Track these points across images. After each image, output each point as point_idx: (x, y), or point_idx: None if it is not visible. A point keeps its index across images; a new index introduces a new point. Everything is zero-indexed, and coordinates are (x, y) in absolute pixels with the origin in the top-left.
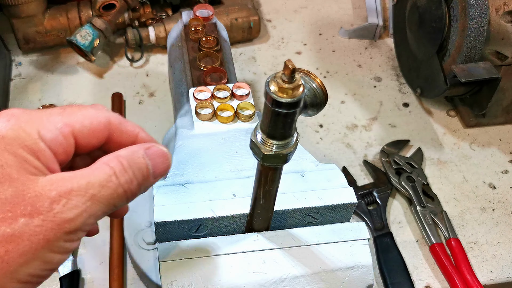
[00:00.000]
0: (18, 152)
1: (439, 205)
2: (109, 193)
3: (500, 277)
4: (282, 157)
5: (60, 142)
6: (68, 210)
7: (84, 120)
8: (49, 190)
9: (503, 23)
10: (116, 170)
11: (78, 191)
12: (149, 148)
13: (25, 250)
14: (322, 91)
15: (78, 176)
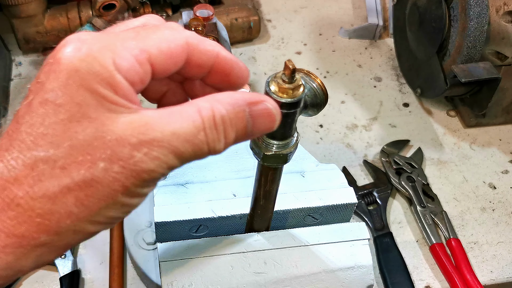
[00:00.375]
0: (94, 88)
1: (439, 205)
2: (192, 150)
3: (500, 277)
4: (283, 157)
5: (137, 71)
6: (149, 160)
7: (160, 44)
8: (130, 135)
9: (503, 23)
10: (206, 125)
11: (161, 142)
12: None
13: (105, 195)
14: (323, 91)
15: (163, 122)
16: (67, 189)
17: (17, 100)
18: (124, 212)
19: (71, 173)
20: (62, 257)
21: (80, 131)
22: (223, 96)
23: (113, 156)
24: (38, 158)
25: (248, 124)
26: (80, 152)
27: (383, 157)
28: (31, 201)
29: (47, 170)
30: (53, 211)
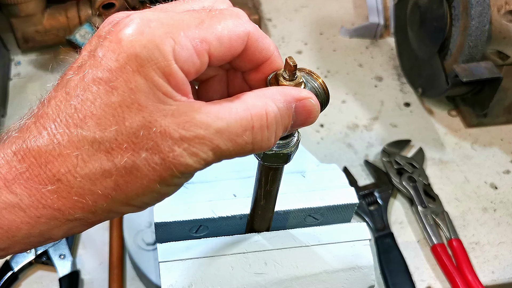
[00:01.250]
0: (150, 75)
1: (440, 205)
2: (234, 149)
3: (502, 277)
4: (283, 157)
5: (194, 62)
6: (188, 155)
7: (222, 36)
8: (173, 130)
9: (504, 22)
10: (255, 126)
11: (203, 139)
12: (302, 101)
13: (143, 183)
14: (324, 91)
15: (209, 119)
16: (108, 173)
17: (16, 99)
18: (158, 199)
19: (114, 158)
20: (61, 257)
21: (128, 117)
22: (274, 92)
23: (155, 147)
24: (84, 138)
25: (292, 119)
26: (125, 139)
27: (384, 157)
28: (72, 179)
29: (92, 151)
30: (92, 191)
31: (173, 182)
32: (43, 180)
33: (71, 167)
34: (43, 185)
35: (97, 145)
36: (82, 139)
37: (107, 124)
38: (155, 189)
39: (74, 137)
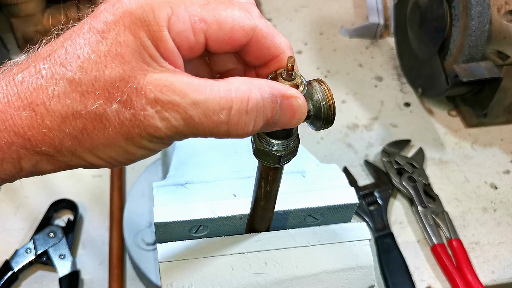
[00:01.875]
0: (139, 35)
1: (440, 205)
2: (208, 125)
3: (502, 277)
4: (272, 157)
5: (187, 37)
6: (159, 118)
7: (224, 22)
8: (150, 90)
9: (504, 22)
10: (234, 107)
11: (178, 106)
12: (288, 98)
13: (110, 134)
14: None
15: (188, 89)
16: (79, 115)
17: None
18: (126, 158)
19: (87, 101)
20: (61, 257)
21: (109, 67)
22: (261, 83)
23: (128, 102)
24: (64, 76)
25: (276, 115)
26: (101, 86)
27: (384, 157)
28: (44, 112)
29: (68, 90)
30: (60, 128)
31: (141, 143)
32: (19, 107)
33: (46, 100)
34: (18, 111)
35: (74, 86)
36: (63, 76)
37: (88, 69)
38: (121, 144)
39: (56, 74)
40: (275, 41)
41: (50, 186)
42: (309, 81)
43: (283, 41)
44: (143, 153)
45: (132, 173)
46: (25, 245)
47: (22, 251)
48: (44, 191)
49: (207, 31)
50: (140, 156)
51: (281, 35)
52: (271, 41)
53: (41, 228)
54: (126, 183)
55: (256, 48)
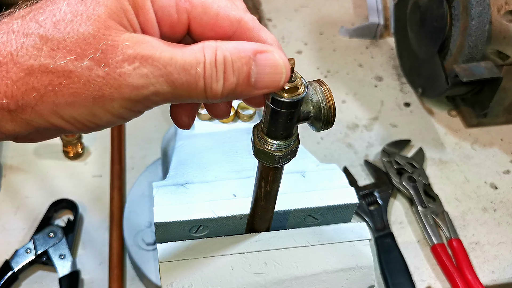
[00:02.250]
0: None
1: (440, 205)
2: (186, 80)
3: (502, 277)
4: (272, 157)
5: (170, 13)
6: (137, 76)
7: (210, 8)
8: (127, 46)
9: (504, 22)
10: (207, 60)
11: (157, 61)
12: (262, 52)
13: (77, 92)
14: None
15: (165, 48)
16: (46, 70)
17: None
18: (90, 121)
19: (56, 56)
20: (61, 257)
21: (84, 25)
22: (230, 42)
23: (102, 59)
24: (36, 31)
25: (252, 73)
26: (73, 42)
27: (384, 157)
28: (11, 64)
29: (38, 45)
30: (25, 82)
31: (110, 106)
32: None
33: (13, 52)
34: None
35: (45, 40)
36: (34, 31)
37: (62, 26)
38: (87, 104)
39: (27, 29)
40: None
41: (50, 186)
42: (310, 82)
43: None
44: (110, 119)
45: (132, 173)
46: (25, 245)
47: (22, 251)
48: (44, 191)
49: (191, 12)
50: (107, 121)
51: (267, 30)
52: (257, 35)
53: (41, 228)
54: (126, 183)
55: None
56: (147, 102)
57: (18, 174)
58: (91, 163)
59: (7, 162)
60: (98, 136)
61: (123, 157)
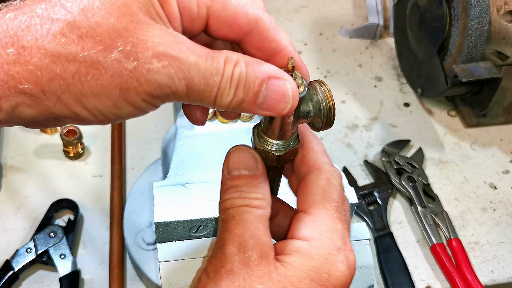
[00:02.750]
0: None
1: (440, 205)
2: (203, 88)
3: (501, 277)
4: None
5: (191, 7)
6: (163, 74)
7: (229, 4)
8: (157, 43)
9: (504, 23)
10: (225, 73)
11: (183, 64)
12: (276, 78)
13: (103, 83)
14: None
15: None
16: (73, 58)
17: None
18: (113, 113)
19: (84, 45)
20: (62, 257)
21: (115, 15)
22: (253, 59)
23: (132, 53)
24: (63, 17)
25: (261, 94)
26: (103, 32)
27: (383, 157)
28: (35, 48)
29: (65, 30)
30: (50, 69)
31: (134, 99)
32: (6, 43)
33: (38, 37)
34: (5, 47)
35: (73, 27)
36: (61, 17)
37: (90, 14)
38: (113, 95)
39: (53, 14)
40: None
41: (50, 186)
42: (310, 82)
43: (285, 37)
44: (131, 111)
45: (132, 173)
46: (26, 244)
47: (23, 250)
48: (44, 191)
49: (211, 7)
50: (128, 114)
51: (283, 32)
52: (273, 35)
53: (42, 228)
54: (127, 183)
55: (258, 39)
56: (165, 98)
57: (19, 174)
58: (91, 163)
59: (7, 162)
60: (99, 136)
61: (123, 157)
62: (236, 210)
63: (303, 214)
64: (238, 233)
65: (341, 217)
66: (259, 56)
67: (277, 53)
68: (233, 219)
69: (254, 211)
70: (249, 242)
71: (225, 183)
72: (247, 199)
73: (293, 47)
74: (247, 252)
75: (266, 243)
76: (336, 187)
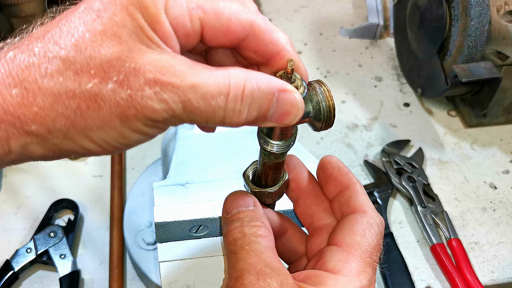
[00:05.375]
0: (136, 16)
1: (440, 205)
2: (205, 110)
3: (501, 277)
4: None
5: (184, 23)
6: (157, 100)
7: (222, 13)
8: (148, 70)
9: (504, 23)
10: (231, 93)
11: (177, 88)
12: (285, 92)
13: (104, 115)
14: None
15: (188, 72)
16: (72, 94)
17: None
18: (120, 142)
19: (81, 80)
20: (62, 257)
21: (106, 47)
22: (259, 74)
23: (125, 82)
24: (58, 54)
25: (271, 108)
26: (97, 65)
27: (383, 157)
28: (37, 90)
29: (61, 68)
30: (52, 108)
31: (136, 126)
32: (9, 84)
33: (38, 77)
34: (8, 89)
35: (68, 64)
36: (56, 55)
37: (83, 47)
38: (116, 125)
39: (49, 52)
40: (273, 36)
41: (50, 186)
42: (309, 82)
43: (282, 36)
44: (138, 138)
45: (132, 173)
46: (26, 244)
47: (23, 250)
48: (44, 191)
49: (204, 19)
50: (135, 141)
51: (279, 30)
52: (269, 36)
53: (42, 228)
54: (127, 183)
55: (255, 43)
56: (167, 122)
57: (19, 174)
58: (91, 163)
59: None
60: None
61: (123, 157)
62: (243, 240)
63: (337, 248)
64: (252, 263)
65: (372, 263)
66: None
67: (275, 54)
68: (243, 249)
69: (262, 241)
70: (266, 270)
71: (226, 220)
72: (252, 227)
73: (291, 45)
74: (266, 281)
75: (281, 271)
76: (377, 234)
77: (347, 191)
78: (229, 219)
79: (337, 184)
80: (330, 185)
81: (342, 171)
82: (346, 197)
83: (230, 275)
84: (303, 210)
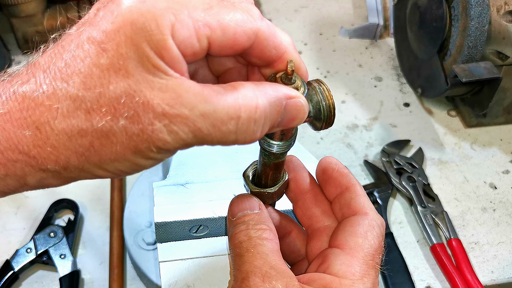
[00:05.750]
0: (141, 46)
1: (440, 205)
2: (216, 135)
3: (501, 277)
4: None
5: (192, 44)
6: (167, 132)
7: (228, 27)
8: (157, 104)
9: (504, 23)
10: (242, 116)
11: (186, 119)
12: (292, 98)
13: (117, 150)
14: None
15: (196, 100)
16: (85, 133)
17: None
18: (134, 169)
19: (92, 119)
20: (62, 257)
21: (114, 82)
22: (266, 87)
23: (135, 117)
24: (67, 93)
25: (281, 116)
26: (107, 102)
27: (383, 157)
28: (49, 131)
29: (72, 108)
30: (66, 147)
31: (149, 155)
32: (21, 125)
33: (50, 119)
34: (21, 129)
35: (79, 103)
36: (66, 93)
37: (91, 85)
38: (129, 158)
39: (58, 90)
40: (276, 41)
41: None
42: (309, 82)
43: (284, 39)
44: (151, 163)
45: None
46: (26, 244)
47: (23, 250)
48: (44, 191)
49: (211, 36)
50: (149, 165)
51: (282, 33)
52: (273, 42)
53: (42, 228)
54: (126, 183)
55: (259, 50)
56: (179, 148)
57: None
58: None
59: None
60: None
61: None
62: (249, 243)
63: (339, 251)
64: (258, 265)
65: (375, 265)
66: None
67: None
68: (248, 252)
69: (267, 244)
70: (271, 273)
71: (232, 223)
72: (257, 230)
73: (293, 46)
74: (271, 283)
75: (286, 273)
76: (379, 236)
77: (348, 192)
78: (235, 222)
79: (337, 185)
80: (330, 187)
81: (341, 173)
82: (347, 198)
83: (236, 277)
84: (302, 211)
